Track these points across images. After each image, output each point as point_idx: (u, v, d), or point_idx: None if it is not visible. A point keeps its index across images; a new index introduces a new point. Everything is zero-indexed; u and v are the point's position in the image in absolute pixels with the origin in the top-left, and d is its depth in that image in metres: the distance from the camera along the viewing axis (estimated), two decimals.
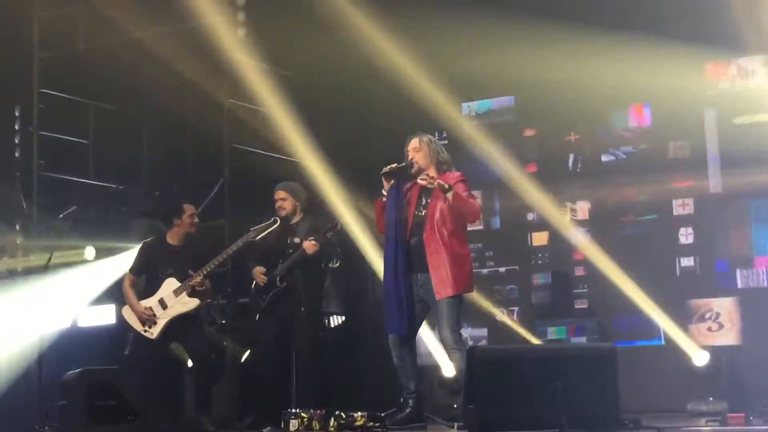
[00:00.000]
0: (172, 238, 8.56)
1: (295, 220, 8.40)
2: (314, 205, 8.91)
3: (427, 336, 9.58)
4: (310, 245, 8.08)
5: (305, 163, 9.87)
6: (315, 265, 8.25)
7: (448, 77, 10.00)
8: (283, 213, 8.39)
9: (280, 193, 8.44)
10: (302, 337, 8.24)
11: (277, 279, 8.23)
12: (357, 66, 9.81)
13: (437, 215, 7.18)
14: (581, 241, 10.03)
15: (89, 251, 10.16)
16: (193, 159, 10.92)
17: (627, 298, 9.57)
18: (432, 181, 7.10)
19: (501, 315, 10.27)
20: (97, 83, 10.25)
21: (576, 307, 10.05)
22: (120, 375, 7.47)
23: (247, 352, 9.43)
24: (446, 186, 7.09)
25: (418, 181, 7.21)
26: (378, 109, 10.64)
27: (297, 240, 8.25)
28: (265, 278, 8.28)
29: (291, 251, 8.23)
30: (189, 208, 8.54)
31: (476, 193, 10.17)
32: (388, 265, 7.30)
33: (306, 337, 8.27)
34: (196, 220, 8.55)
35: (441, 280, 7.12)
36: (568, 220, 10.14)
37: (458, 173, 7.35)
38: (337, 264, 8.54)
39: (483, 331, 10.36)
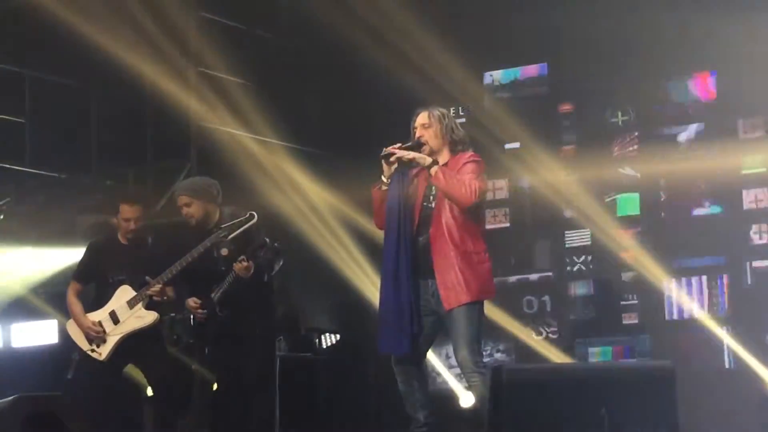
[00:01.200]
0: (123, 236, 8.50)
1: (213, 223, 8.26)
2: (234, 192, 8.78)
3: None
4: (242, 268, 7.92)
5: (286, 146, 9.83)
6: (256, 282, 8.14)
7: (467, 40, 9.95)
8: (192, 222, 8.28)
9: (182, 199, 8.24)
10: (259, 363, 8.22)
11: (217, 308, 8.13)
12: (354, 25, 9.77)
13: (445, 206, 7.05)
14: (629, 240, 9.96)
15: (27, 254, 10.14)
16: (152, 140, 10.84)
17: (685, 311, 9.52)
18: (408, 154, 7.00)
19: (531, 335, 10.22)
20: (34, 47, 10.18)
21: (624, 322, 10.03)
22: (62, 402, 7.41)
23: None
24: (428, 160, 6.98)
25: (391, 150, 7.08)
26: (379, 78, 10.52)
27: (225, 252, 8.08)
28: (204, 311, 8.20)
29: (223, 268, 8.11)
30: (125, 210, 8.35)
31: (501, 182, 10.28)
32: (388, 269, 7.11)
33: (263, 362, 8.28)
34: (132, 226, 8.38)
35: (450, 286, 6.94)
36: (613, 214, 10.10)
37: (470, 153, 7.23)
38: (281, 263, 8.40)
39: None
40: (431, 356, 9.22)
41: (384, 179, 7.20)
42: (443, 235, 6.99)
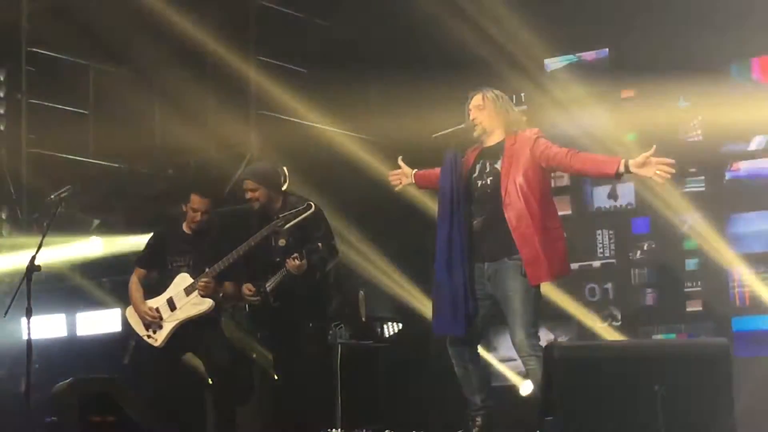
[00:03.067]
0: (187, 225, 8.55)
1: (276, 209, 8.23)
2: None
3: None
4: (294, 266, 7.93)
5: (344, 134, 9.81)
6: (309, 278, 8.13)
7: (528, 26, 9.90)
8: (256, 206, 8.28)
9: (249, 183, 8.25)
10: (312, 353, 8.23)
11: (271, 299, 8.12)
12: (411, 10, 9.74)
13: (520, 179, 6.96)
14: (694, 226, 9.86)
15: (94, 243, 10.19)
16: (214, 129, 10.86)
17: (753, 298, 9.42)
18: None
19: (594, 322, 10.14)
20: (98, 40, 10.25)
21: (688, 309, 9.92)
22: (119, 385, 7.47)
23: None
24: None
25: None
26: (436, 65, 10.49)
27: (283, 243, 8.09)
28: (257, 298, 8.19)
29: (278, 259, 8.10)
30: (195, 201, 8.41)
31: None
32: (441, 250, 7.14)
33: (317, 351, 8.29)
34: (199, 217, 8.42)
35: (534, 261, 6.91)
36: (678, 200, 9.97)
37: (535, 129, 7.18)
38: (335, 261, 8.38)
39: None
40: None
41: None
42: (523, 209, 6.93)
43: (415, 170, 7.64)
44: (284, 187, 8.27)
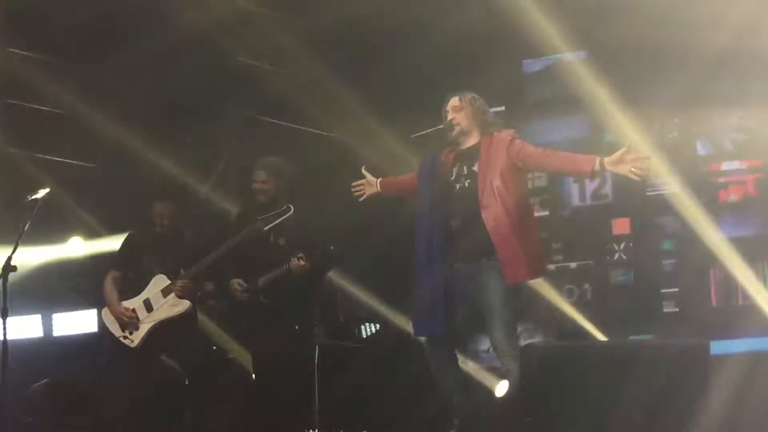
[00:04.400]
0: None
1: (278, 207, 8.23)
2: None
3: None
4: (299, 266, 7.94)
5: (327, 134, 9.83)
6: (307, 282, 8.13)
7: (505, 28, 9.93)
8: (262, 198, 8.26)
9: (261, 175, 8.27)
10: (296, 353, 8.23)
11: (261, 295, 8.12)
12: (392, 12, 9.76)
13: (496, 180, 7.00)
14: (672, 227, 9.89)
15: (76, 243, 10.16)
16: (193, 130, 10.85)
17: (729, 299, 9.45)
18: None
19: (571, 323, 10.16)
20: (75, 39, 10.21)
21: (665, 310, 9.95)
22: (95, 386, 7.47)
23: None
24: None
25: None
26: (413, 67, 10.47)
27: (283, 242, 8.09)
28: (246, 294, 8.18)
29: (277, 258, 8.09)
30: (157, 207, 8.47)
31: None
32: (420, 252, 7.17)
33: (300, 352, 8.30)
34: (166, 221, 8.45)
35: (512, 261, 6.93)
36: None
37: (510, 130, 7.23)
38: (331, 270, 8.40)
39: None
40: None
41: None
42: (500, 209, 6.97)
43: (380, 178, 7.66)
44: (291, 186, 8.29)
